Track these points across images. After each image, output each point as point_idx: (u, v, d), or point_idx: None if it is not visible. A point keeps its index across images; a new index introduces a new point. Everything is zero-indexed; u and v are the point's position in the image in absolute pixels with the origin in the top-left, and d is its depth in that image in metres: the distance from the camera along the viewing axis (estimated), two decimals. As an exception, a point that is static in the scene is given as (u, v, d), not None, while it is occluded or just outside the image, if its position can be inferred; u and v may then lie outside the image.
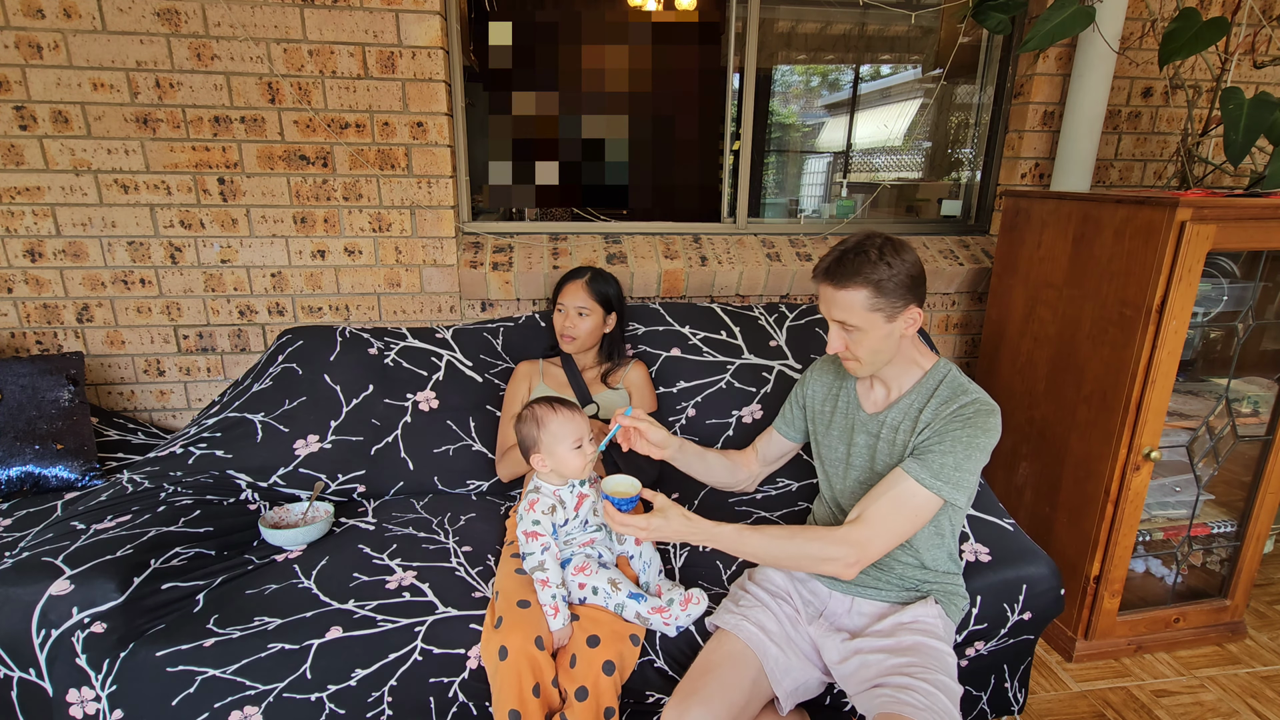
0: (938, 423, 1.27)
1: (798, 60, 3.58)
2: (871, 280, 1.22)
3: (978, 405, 1.26)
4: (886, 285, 1.22)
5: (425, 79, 1.99)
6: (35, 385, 1.77)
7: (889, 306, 1.24)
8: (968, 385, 1.31)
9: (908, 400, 1.33)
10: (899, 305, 1.25)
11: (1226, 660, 1.95)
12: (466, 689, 1.34)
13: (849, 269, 1.23)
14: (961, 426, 1.24)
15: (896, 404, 1.34)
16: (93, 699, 1.30)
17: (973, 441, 1.23)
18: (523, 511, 1.43)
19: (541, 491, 1.44)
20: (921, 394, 1.32)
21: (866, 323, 1.25)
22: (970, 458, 1.23)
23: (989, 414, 1.26)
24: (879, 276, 1.22)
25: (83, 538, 1.44)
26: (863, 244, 1.25)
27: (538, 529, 1.40)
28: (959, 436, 1.23)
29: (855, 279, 1.23)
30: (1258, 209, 1.61)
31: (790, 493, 1.80)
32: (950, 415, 1.26)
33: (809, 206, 3.93)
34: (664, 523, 1.28)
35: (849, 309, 1.25)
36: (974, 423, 1.24)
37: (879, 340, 1.27)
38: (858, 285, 1.23)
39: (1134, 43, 2.26)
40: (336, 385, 1.88)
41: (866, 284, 1.22)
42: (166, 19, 1.86)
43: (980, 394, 1.29)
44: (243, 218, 2.05)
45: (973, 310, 2.50)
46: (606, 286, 1.87)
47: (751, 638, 1.30)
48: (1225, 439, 1.87)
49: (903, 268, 1.23)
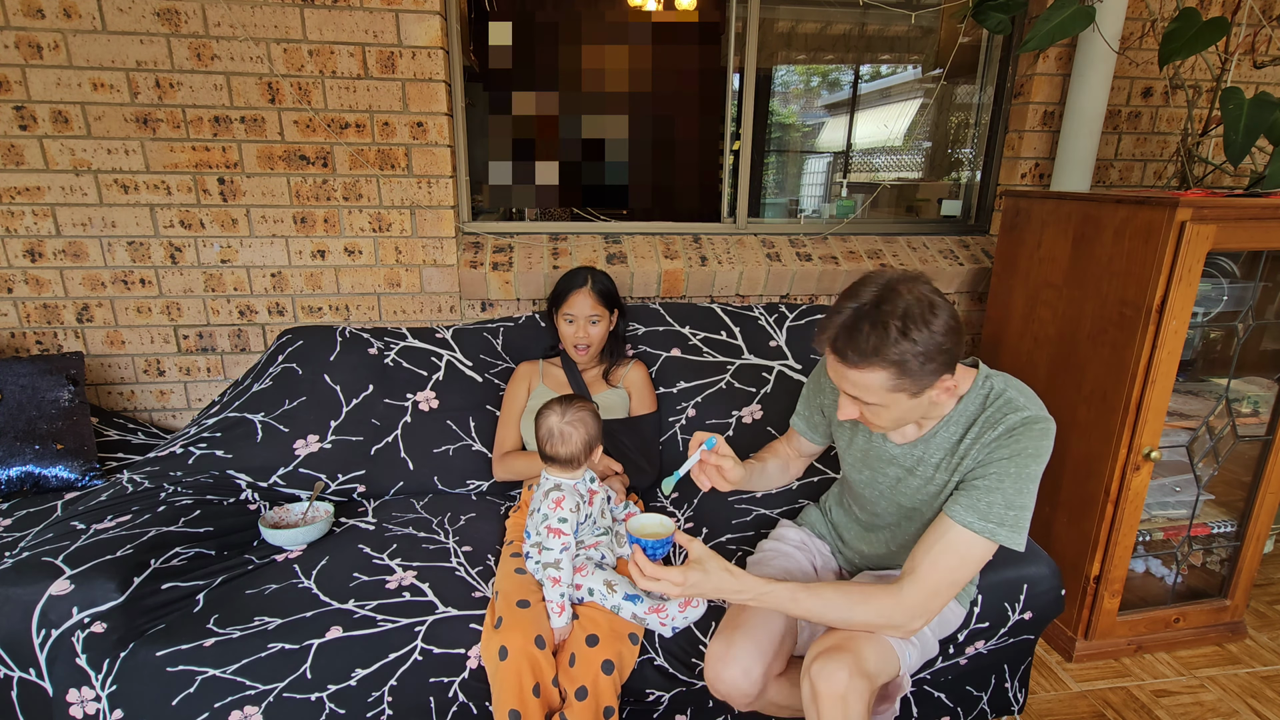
0: (980, 450, 1.10)
1: (798, 60, 3.58)
2: (892, 361, 1.00)
3: (1028, 424, 1.07)
4: (911, 365, 1.00)
5: (425, 79, 1.99)
6: (35, 385, 1.77)
7: (914, 385, 1.03)
8: (1017, 398, 1.11)
9: (946, 433, 1.16)
10: (928, 381, 1.03)
11: (1227, 660, 1.94)
12: (466, 689, 1.34)
13: (863, 347, 1.00)
14: (1010, 454, 1.06)
15: (933, 438, 1.17)
16: (93, 699, 1.30)
17: (1023, 472, 1.05)
18: (546, 509, 1.41)
19: (564, 489, 1.43)
20: (959, 423, 1.15)
21: (887, 400, 1.05)
22: (1022, 491, 1.06)
23: (1043, 434, 1.07)
24: (901, 356, 0.99)
25: (83, 538, 1.44)
26: (880, 314, 1.00)
27: (563, 527, 1.39)
28: (1007, 468, 1.06)
29: (873, 360, 1.00)
30: (1258, 209, 1.61)
31: (790, 491, 1.80)
32: (996, 441, 1.09)
33: (809, 206, 3.93)
34: (703, 578, 1.09)
35: (865, 390, 1.05)
36: (1024, 447, 1.06)
37: (904, 412, 1.08)
38: (875, 367, 1.01)
39: (1134, 43, 2.26)
40: (336, 385, 1.88)
41: (887, 365, 1.00)
42: (166, 19, 1.86)
43: (1033, 408, 1.10)
44: (243, 218, 2.05)
45: (973, 310, 2.50)
46: (608, 287, 1.86)
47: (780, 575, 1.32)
48: (1225, 439, 1.87)
49: (931, 341, 0.99)
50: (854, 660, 1.08)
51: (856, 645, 1.12)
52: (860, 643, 1.12)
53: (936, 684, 1.56)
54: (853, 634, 1.14)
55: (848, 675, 1.07)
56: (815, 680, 1.08)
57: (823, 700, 1.07)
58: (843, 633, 1.15)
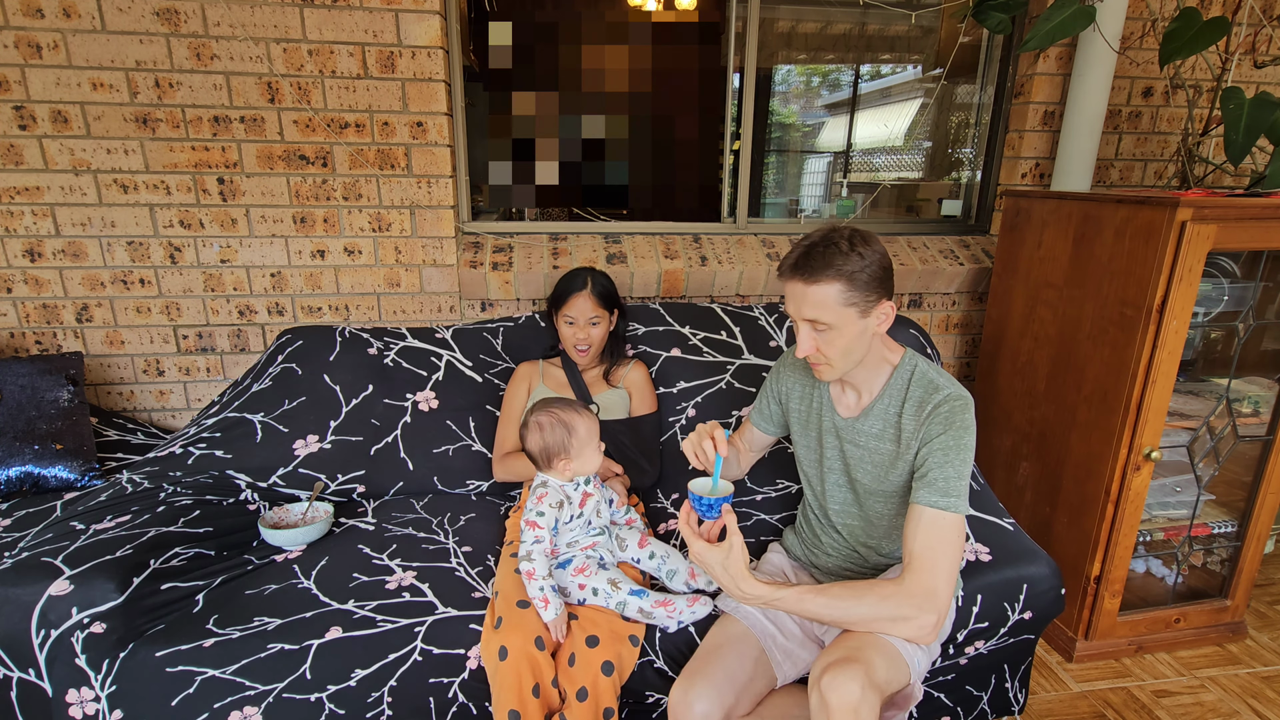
0: (921, 433, 1.23)
1: (798, 60, 3.58)
2: (844, 272, 1.15)
3: (951, 403, 1.22)
4: (859, 277, 1.16)
5: (425, 79, 1.99)
6: (35, 385, 1.77)
7: (863, 301, 1.18)
8: (936, 379, 1.26)
9: (883, 405, 1.29)
10: (872, 299, 1.19)
11: (1227, 660, 1.94)
12: (466, 689, 1.34)
13: (819, 262, 1.16)
14: (944, 429, 1.20)
15: (872, 410, 1.30)
16: (92, 699, 1.30)
17: (960, 443, 1.20)
18: (530, 503, 1.44)
19: (549, 486, 1.44)
20: (894, 396, 1.28)
21: (840, 319, 1.19)
22: (965, 461, 1.20)
23: (964, 408, 1.21)
24: (851, 268, 1.15)
25: (82, 538, 1.44)
26: (830, 236, 1.19)
27: (540, 520, 1.40)
28: (946, 442, 1.20)
29: (827, 272, 1.16)
30: (1258, 209, 1.61)
31: (790, 495, 1.80)
32: (928, 420, 1.22)
33: (809, 206, 3.92)
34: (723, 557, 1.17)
35: (821, 305, 1.18)
36: (955, 423, 1.20)
37: (852, 339, 1.21)
38: (830, 279, 1.16)
39: (1134, 43, 2.26)
40: (336, 385, 1.88)
41: (839, 277, 1.16)
42: (166, 19, 1.86)
43: (951, 387, 1.25)
44: (242, 218, 2.05)
45: (973, 310, 2.50)
46: (608, 288, 1.86)
47: (752, 620, 1.33)
48: (1226, 439, 1.87)
49: (874, 258, 1.17)
50: (865, 671, 1.08)
51: (866, 656, 1.11)
52: (870, 653, 1.12)
53: (936, 684, 1.56)
54: (862, 645, 1.14)
55: (860, 688, 1.06)
56: (826, 692, 1.08)
57: (834, 712, 1.06)
58: (851, 643, 1.15)
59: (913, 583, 1.15)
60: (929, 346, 1.98)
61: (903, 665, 1.17)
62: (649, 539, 1.54)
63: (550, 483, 1.45)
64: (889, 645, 1.16)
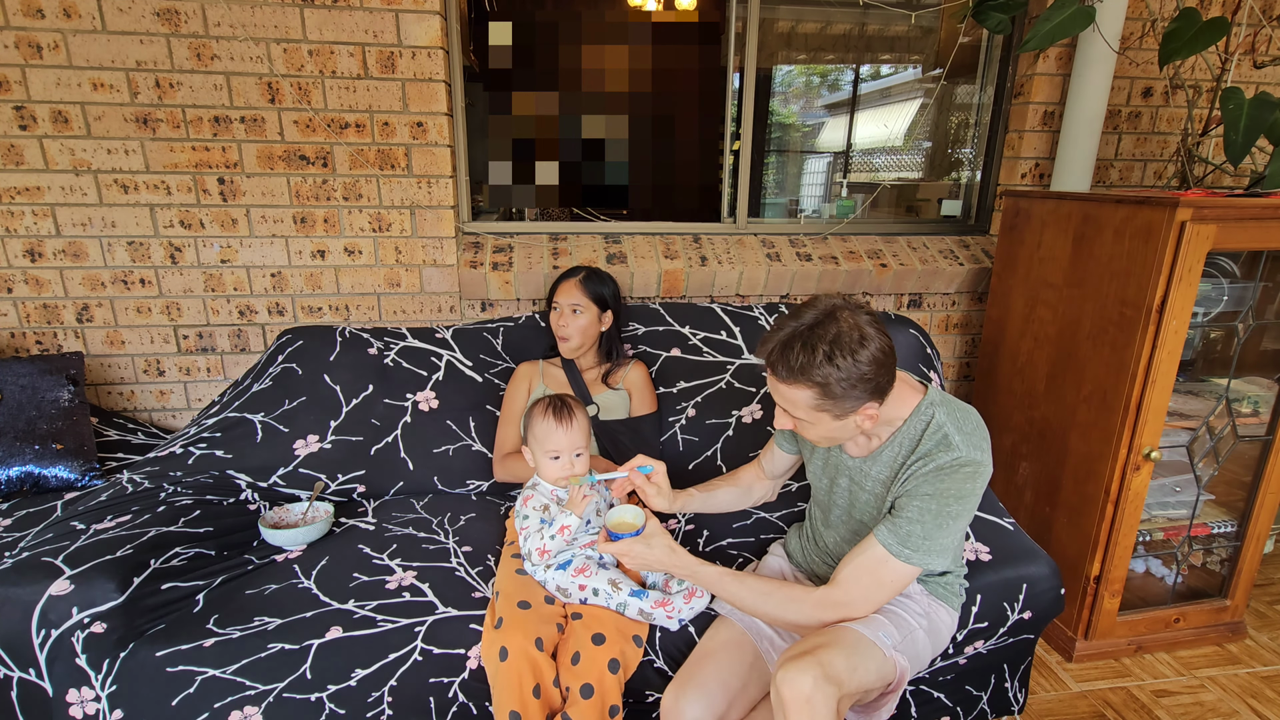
0: (911, 481, 1.17)
1: (798, 60, 3.58)
2: (816, 381, 1.09)
3: (957, 466, 1.14)
4: (834, 389, 1.09)
5: (425, 79, 1.99)
6: (35, 385, 1.77)
7: (836, 407, 1.12)
8: (952, 436, 1.17)
9: (891, 451, 1.24)
10: (849, 406, 1.12)
11: (1227, 660, 1.94)
12: (466, 689, 1.34)
13: (791, 365, 1.10)
14: (933, 493, 1.14)
15: (880, 455, 1.25)
16: (93, 699, 1.30)
17: (944, 510, 1.13)
18: (518, 506, 1.46)
19: (539, 489, 1.45)
20: (903, 445, 1.22)
21: (813, 419, 1.15)
22: (941, 528, 1.14)
23: (969, 476, 1.14)
24: (824, 378, 1.08)
25: (83, 538, 1.44)
26: (814, 334, 1.09)
27: (526, 524, 1.43)
28: (928, 506, 1.14)
29: (799, 378, 1.10)
30: (1258, 209, 1.61)
31: (790, 494, 1.80)
32: (925, 475, 1.16)
33: (809, 206, 3.93)
34: (645, 549, 1.26)
35: (793, 404, 1.15)
36: (947, 488, 1.14)
37: (830, 431, 1.17)
38: (802, 385, 1.10)
39: (1134, 43, 2.26)
40: (336, 385, 1.88)
41: (811, 385, 1.10)
42: (166, 19, 1.86)
43: (965, 448, 1.15)
44: (242, 218, 2.05)
45: (973, 310, 2.50)
46: (601, 285, 1.87)
47: (746, 622, 1.33)
48: (1225, 439, 1.87)
49: (855, 369, 1.08)
50: (819, 666, 1.08)
51: (822, 651, 1.11)
52: (828, 650, 1.12)
53: (936, 684, 1.56)
54: (823, 640, 1.14)
55: (812, 680, 1.06)
56: (780, 686, 1.08)
57: (788, 705, 1.07)
58: (811, 640, 1.16)
59: (823, 594, 1.19)
60: (929, 347, 1.98)
61: (873, 652, 1.16)
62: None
63: (540, 486, 1.46)
64: (851, 635, 1.16)
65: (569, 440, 1.45)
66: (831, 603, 1.18)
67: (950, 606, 1.35)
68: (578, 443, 1.46)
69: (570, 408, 1.48)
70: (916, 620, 1.27)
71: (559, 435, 1.44)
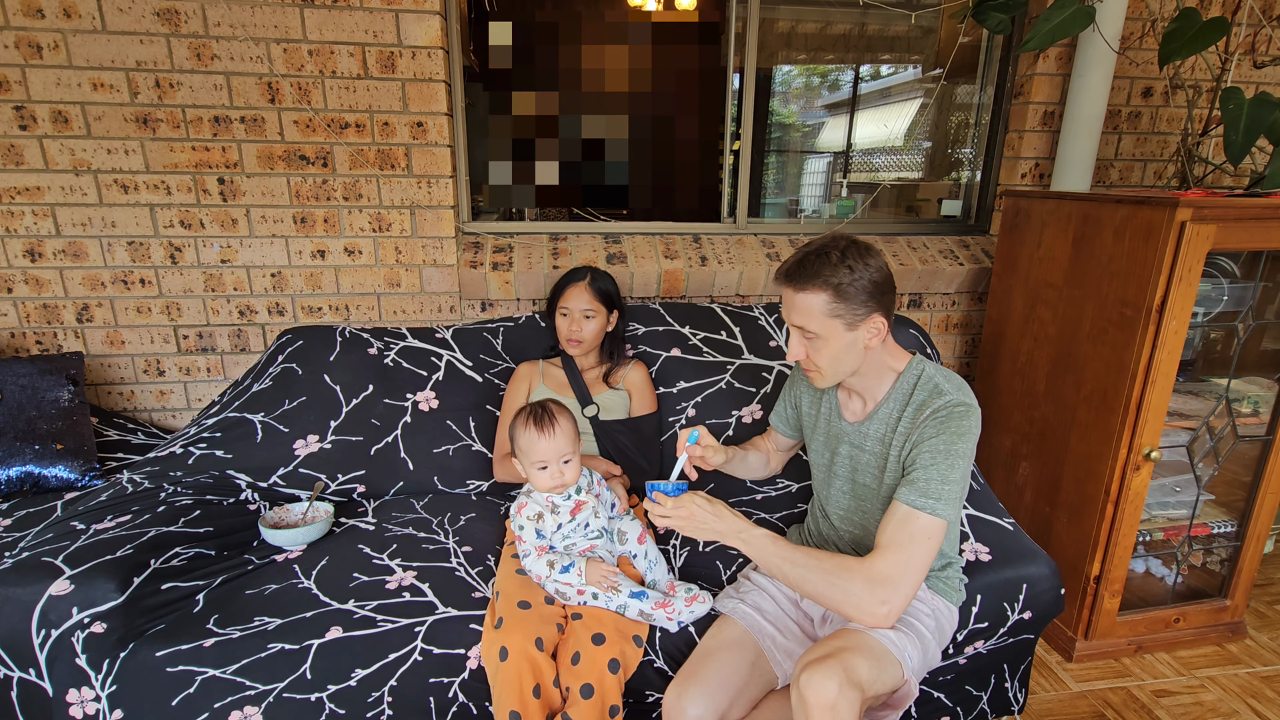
0: (915, 433, 1.22)
1: (798, 60, 3.58)
2: (831, 283, 1.17)
3: (950, 407, 1.20)
4: (847, 290, 1.17)
5: (425, 79, 1.99)
6: (35, 385, 1.77)
7: (849, 313, 1.19)
8: (942, 384, 1.25)
9: (886, 409, 1.29)
10: (860, 313, 1.19)
11: (1227, 660, 1.94)
12: (466, 689, 1.34)
13: (808, 271, 1.19)
14: (937, 433, 1.19)
15: (876, 414, 1.31)
16: (93, 699, 1.30)
17: (951, 448, 1.18)
18: (513, 513, 1.46)
19: (533, 497, 1.45)
20: (897, 401, 1.28)
21: (825, 329, 1.20)
22: (953, 467, 1.17)
23: (964, 414, 1.20)
24: (839, 280, 1.17)
25: (83, 538, 1.44)
26: (825, 246, 1.20)
27: (521, 533, 1.43)
28: (936, 446, 1.18)
29: (814, 281, 1.18)
30: (1258, 209, 1.61)
31: (790, 494, 1.80)
32: (925, 421, 1.21)
33: (809, 206, 3.93)
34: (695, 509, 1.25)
35: (807, 314, 1.20)
36: (948, 427, 1.19)
37: (840, 349, 1.22)
38: (816, 288, 1.18)
39: (1134, 43, 2.26)
40: (336, 385, 1.88)
41: (826, 287, 1.18)
42: (166, 19, 1.86)
43: (956, 393, 1.23)
44: (242, 218, 2.05)
45: (973, 310, 2.50)
46: (607, 285, 1.87)
47: (749, 620, 1.34)
48: (1225, 439, 1.87)
49: (865, 273, 1.18)
50: (844, 669, 1.08)
51: (847, 655, 1.12)
52: (852, 654, 1.12)
53: (936, 684, 1.56)
54: (845, 644, 1.15)
55: (837, 685, 1.07)
56: (804, 690, 1.08)
57: (811, 710, 1.07)
58: (835, 642, 1.16)
59: (870, 566, 1.16)
60: (929, 346, 1.98)
61: (893, 664, 1.17)
62: (648, 537, 1.55)
63: (534, 494, 1.46)
64: (876, 644, 1.16)
65: (554, 448, 1.41)
66: (880, 577, 1.15)
67: (950, 601, 1.35)
68: (563, 449, 1.42)
69: (551, 414, 1.43)
70: (927, 627, 1.28)
71: (542, 445, 1.41)
